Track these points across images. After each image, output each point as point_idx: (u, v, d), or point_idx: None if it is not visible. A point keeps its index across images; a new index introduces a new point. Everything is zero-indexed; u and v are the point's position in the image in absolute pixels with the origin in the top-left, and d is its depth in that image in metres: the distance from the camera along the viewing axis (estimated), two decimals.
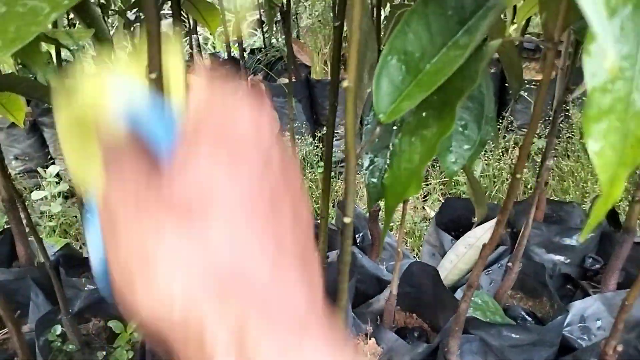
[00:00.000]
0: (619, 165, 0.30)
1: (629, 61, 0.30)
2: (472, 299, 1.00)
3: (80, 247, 2.02)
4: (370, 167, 0.64)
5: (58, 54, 1.06)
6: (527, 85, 2.11)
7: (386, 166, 0.61)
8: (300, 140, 2.20)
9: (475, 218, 1.02)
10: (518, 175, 0.69)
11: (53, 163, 2.35)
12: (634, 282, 0.79)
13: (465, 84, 0.52)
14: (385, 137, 0.61)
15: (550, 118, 0.96)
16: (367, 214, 1.26)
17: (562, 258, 1.20)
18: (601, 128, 0.30)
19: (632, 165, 0.30)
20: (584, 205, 1.74)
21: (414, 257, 1.67)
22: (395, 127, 0.60)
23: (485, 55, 0.52)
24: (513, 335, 0.94)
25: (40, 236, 2.09)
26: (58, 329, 1.03)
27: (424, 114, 0.56)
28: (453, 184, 2.12)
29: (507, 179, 2.08)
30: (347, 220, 0.57)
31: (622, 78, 0.30)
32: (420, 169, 0.54)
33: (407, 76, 0.53)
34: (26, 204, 2.26)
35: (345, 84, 0.47)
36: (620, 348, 0.83)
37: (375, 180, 0.63)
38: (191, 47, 2.40)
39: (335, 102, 0.83)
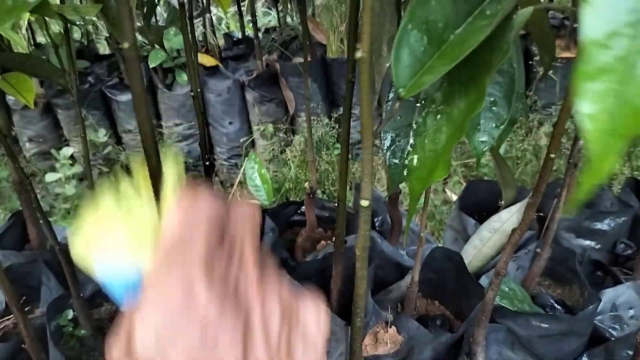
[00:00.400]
0: (614, 135, 0.26)
1: (635, 16, 0.25)
2: (499, 286, 0.95)
3: None
4: (392, 147, 0.59)
5: (66, 31, 1.02)
6: (553, 63, 2.03)
7: (409, 147, 0.56)
8: (315, 122, 2.15)
9: (502, 201, 0.97)
10: (552, 155, 0.64)
11: (67, 145, 2.33)
12: None
13: (494, 57, 0.47)
14: (408, 115, 0.56)
15: None
16: (387, 197, 1.21)
17: (592, 243, 1.15)
18: (596, 88, 0.26)
19: (627, 137, 0.26)
20: (613, 188, 1.67)
21: (434, 241, 1.62)
22: (418, 105, 0.55)
23: (515, 25, 0.46)
24: (542, 325, 0.89)
25: (55, 218, 2.08)
26: (69, 314, 1.01)
27: (449, 90, 0.51)
28: (475, 165, 2.06)
29: (530, 161, 2.01)
30: (364, 203, 0.52)
31: (626, 35, 0.26)
32: (448, 150, 0.49)
33: (430, 47, 0.48)
34: (40, 185, 2.26)
35: (358, 54, 0.42)
36: None
37: (397, 161, 0.58)
38: (204, 27, 2.35)
39: (352, 77, 0.78)
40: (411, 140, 0.56)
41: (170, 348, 0.25)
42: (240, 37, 2.61)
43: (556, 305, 1.00)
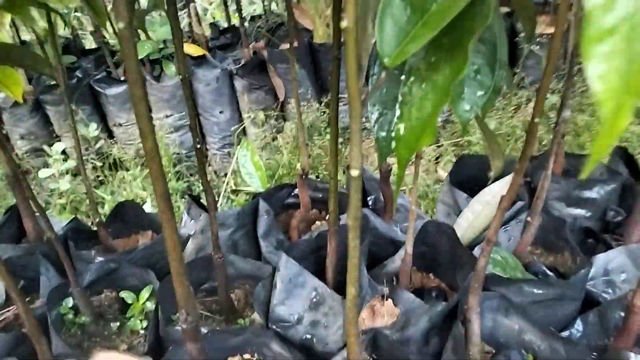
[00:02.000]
0: (625, 92, 0.27)
1: None
2: (491, 255, 0.97)
3: (91, 223, 2.01)
4: (379, 120, 0.60)
5: (50, 22, 1.01)
6: (538, 39, 2.04)
7: (396, 119, 0.58)
8: (306, 107, 2.15)
9: (492, 173, 0.98)
10: (536, 120, 0.65)
11: (59, 140, 2.32)
12: None
13: (475, 24, 0.48)
14: (393, 88, 0.57)
15: (564, 71, 0.91)
16: (376, 171, 1.22)
17: (582, 211, 1.17)
18: (603, 50, 0.27)
19: (638, 93, 0.27)
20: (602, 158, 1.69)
21: (427, 218, 1.63)
22: (404, 77, 0.56)
23: None
24: (535, 290, 0.91)
25: (51, 214, 2.08)
26: (70, 302, 1.02)
27: (434, 59, 0.53)
28: (466, 144, 2.08)
29: (521, 137, 2.02)
30: (354, 173, 0.54)
31: None
32: (434, 116, 0.50)
33: (413, 16, 0.49)
34: (35, 182, 2.26)
35: (344, 23, 0.43)
36: None
37: (384, 134, 0.59)
38: (189, 17, 2.34)
39: (338, 54, 0.79)
40: (397, 112, 0.57)
41: None
42: (226, 26, 2.61)
43: (548, 272, 1.02)
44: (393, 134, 0.57)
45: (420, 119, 0.53)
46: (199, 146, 0.81)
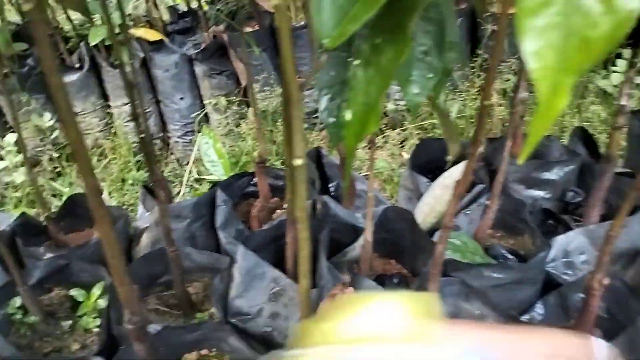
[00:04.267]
0: (561, 70, 0.25)
1: None
2: (451, 240, 0.96)
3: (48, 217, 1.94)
4: (328, 106, 0.58)
5: None
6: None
7: (344, 103, 0.55)
8: (269, 92, 2.11)
9: (449, 156, 0.97)
10: (486, 102, 0.63)
11: (12, 131, 2.23)
12: (616, 213, 0.76)
13: (416, 2, 0.46)
14: (341, 72, 0.54)
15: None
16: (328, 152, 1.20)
17: (542, 193, 1.17)
18: (538, 24, 0.25)
19: (577, 71, 0.25)
20: (562, 140, 1.70)
21: (392, 204, 1.62)
22: (350, 60, 0.54)
23: None
24: (494, 274, 0.90)
25: (7, 208, 2.01)
26: (17, 301, 0.97)
27: (378, 40, 0.50)
28: (430, 127, 2.07)
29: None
30: (298, 162, 0.51)
31: None
32: (377, 101, 0.48)
33: None
34: None
35: (274, 1, 0.40)
36: (606, 281, 0.80)
37: (334, 119, 0.57)
38: (146, 1, 2.26)
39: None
40: (345, 97, 0.55)
41: None
42: (186, 9, 2.53)
43: (509, 255, 1.02)
44: (341, 121, 0.55)
45: (366, 104, 0.51)
46: (142, 135, 0.77)
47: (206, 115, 2.22)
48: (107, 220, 0.52)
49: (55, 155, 2.18)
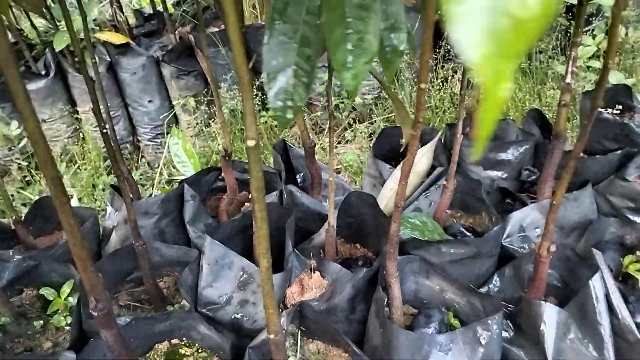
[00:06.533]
0: (500, 56, 0.23)
1: None
2: (411, 220, 1.00)
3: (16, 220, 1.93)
4: (276, 90, 0.61)
5: None
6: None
7: (290, 88, 0.59)
8: (238, 90, 2.13)
9: (403, 140, 1.00)
10: (422, 85, 0.66)
11: None
12: (559, 183, 0.80)
13: None
14: (290, 56, 0.58)
15: None
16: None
17: (499, 173, 1.21)
18: (467, 9, 0.23)
19: (515, 55, 0.23)
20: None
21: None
22: (295, 44, 0.58)
23: None
24: (452, 250, 0.94)
25: None
26: None
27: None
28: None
29: (448, 109, 2.08)
30: (250, 143, 0.53)
31: None
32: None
33: None
34: None
35: None
36: (553, 248, 0.84)
37: (281, 103, 0.60)
38: (111, 4, 2.26)
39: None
40: (292, 81, 0.58)
41: None
42: (151, 12, 2.53)
43: (466, 232, 1.06)
44: (289, 103, 0.58)
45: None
46: (105, 130, 0.79)
47: (175, 116, 2.23)
48: (68, 207, 0.54)
49: (24, 164, 2.16)
